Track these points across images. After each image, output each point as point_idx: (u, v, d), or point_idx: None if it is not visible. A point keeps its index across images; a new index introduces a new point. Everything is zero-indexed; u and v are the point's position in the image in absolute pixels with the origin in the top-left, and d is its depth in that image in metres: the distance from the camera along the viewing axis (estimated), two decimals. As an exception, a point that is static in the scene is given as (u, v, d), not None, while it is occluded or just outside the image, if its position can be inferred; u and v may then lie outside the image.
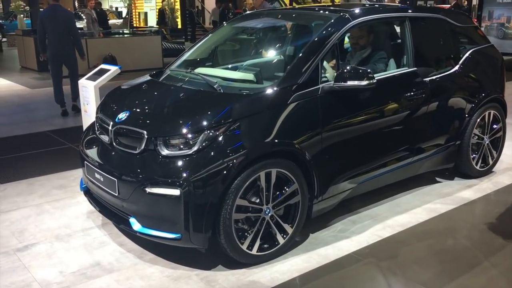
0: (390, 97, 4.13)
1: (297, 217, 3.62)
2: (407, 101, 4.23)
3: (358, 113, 3.88)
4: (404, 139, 4.34)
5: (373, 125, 3.99)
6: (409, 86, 4.26)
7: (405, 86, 4.24)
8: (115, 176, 3.44)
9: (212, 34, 5.01)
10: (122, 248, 3.77)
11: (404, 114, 4.22)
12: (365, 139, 3.97)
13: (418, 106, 4.32)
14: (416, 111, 4.32)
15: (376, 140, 4.08)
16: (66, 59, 8.18)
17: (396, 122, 4.17)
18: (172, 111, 3.58)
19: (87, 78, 5.25)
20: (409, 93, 4.23)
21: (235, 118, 3.36)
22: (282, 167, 3.45)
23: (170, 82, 4.08)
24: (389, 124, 4.13)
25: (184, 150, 3.28)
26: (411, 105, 4.26)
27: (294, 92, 3.56)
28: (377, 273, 3.38)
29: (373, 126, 3.99)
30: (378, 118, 4.02)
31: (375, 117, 4.00)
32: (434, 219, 4.18)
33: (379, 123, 4.03)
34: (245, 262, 3.45)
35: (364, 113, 3.92)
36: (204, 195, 3.18)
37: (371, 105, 3.97)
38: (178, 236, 3.26)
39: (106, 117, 3.80)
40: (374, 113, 3.99)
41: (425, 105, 4.38)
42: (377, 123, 4.02)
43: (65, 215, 4.38)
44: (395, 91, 4.18)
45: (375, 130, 4.02)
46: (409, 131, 4.34)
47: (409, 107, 4.25)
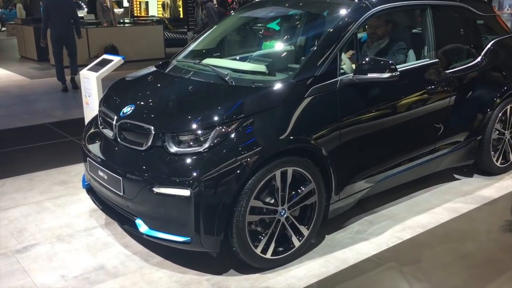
0: (411, 90, 3.89)
1: (313, 218, 3.40)
2: (428, 94, 3.99)
3: (378, 107, 3.65)
4: (425, 135, 4.11)
5: (393, 120, 3.76)
6: (430, 78, 4.02)
7: (427, 79, 4.01)
8: (120, 174, 3.22)
9: (220, 23, 4.77)
10: (127, 250, 3.55)
11: (425, 108, 3.99)
12: (384, 134, 3.74)
13: (439, 99, 4.09)
14: (438, 105, 4.09)
15: (395, 136, 3.86)
16: (67, 42, 9.21)
17: (417, 117, 3.94)
18: (181, 105, 3.34)
19: (89, 69, 5.01)
20: (430, 86, 4.00)
21: (249, 113, 3.13)
22: (299, 166, 3.23)
23: (177, 73, 3.84)
24: (410, 119, 3.89)
25: (194, 147, 3.05)
26: (432, 98, 4.03)
27: (311, 86, 3.33)
28: (401, 279, 3.16)
29: (393, 121, 3.76)
30: (398, 112, 3.79)
31: (395, 112, 3.77)
32: (455, 219, 3.96)
33: (399, 118, 3.80)
34: (258, 266, 3.23)
35: (384, 107, 3.69)
36: (216, 196, 2.96)
37: (391, 98, 3.74)
38: (188, 240, 3.04)
39: (110, 111, 3.56)
40: (394, 107, 3.76)
41: (447, 99, 4.15)
42: (397, 118, 3.79)
43: (67, 213, 4.16)
44: (416, 84, 3.94)
45: (395, 125, 3.79)
46: (430, 126, 4.11)
47: (430, 100, 4.02)
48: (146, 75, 4.03)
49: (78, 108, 7.77)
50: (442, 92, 4.09)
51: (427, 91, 3.98)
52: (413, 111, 3.89)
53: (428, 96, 3.99)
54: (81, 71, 5.08)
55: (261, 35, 6.17)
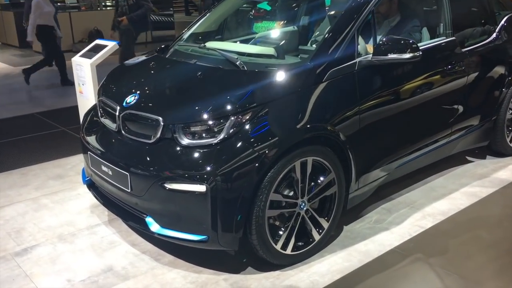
0: (429, 70, 3.69)
1: (333, 210, 3.21)
2: (446, 74, 3.80)
3: (397, 89, 3.45)
4: (443, 117, 3.93)
5: (412, 102, 3.56)
6: (448, 57, 3.83)
7: (444, 58, 3.81)
8: (127, 169, 2.98)
9: (221, 4, 4.50)
10: (135, 248, 3.33)
11: (443, 89, 3.80)
12: (403, 117, 3.55)
13: (457, 79, 3.90)
14: (455, 85, 3.90)
15: (415, 119, 3.67)
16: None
17: (435, 98, 3.75)
18: (191, 94, 3.09)
19: (82, 55, 4.72)
20: (448, 66, 3.81)
21: (265, 100, 2.90)
22: (319, 155, 3.02)
23: (181, 58, 3.59)
24: (428, 101, 3.70)
25: (208, 139, 2.82)
26: (450, 78, 3.84)
27: (329, 69, 3.10)
28: (429, 272, 2.99)
29: (412, 103, 3.56)
30: (417, 94, 3.59)
31: (414, 93, 3.57)
32: (476, 205, 3.80)
33: (418, 100, 3.60)
34: (278, 263, 3.04)
35: (403, 89, 3.49)
36: (234, 191, 2.74)
37: (410, 80, 3.54)
38: (204, 238, 2.83)
39: (111, 100, 3.31)
40: (413, 89, 3.56)
41: (464, 78, 3.96)
42: (416, 100, 3.59)
43: (66, 210, 3.92)
44: (435, 64, 3.74)
45: (414, 108, 3.59)
46: (447, 108, 3.93)
47: (448, 81, 3.83)
48: (148, 60, 3.76)
49: (67, 96, 7.50)
50: (459, 71, 3.89)
51: (445, 71, 3.79)
52: (431, 92, 3.70)
53: (446, 76, 3.80)
54: (73, 57, 4.79)
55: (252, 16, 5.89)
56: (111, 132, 3.25)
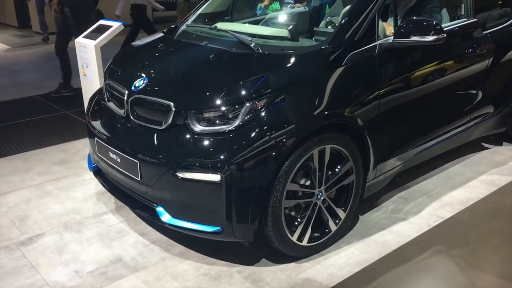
0: (450, 54, 3.53)
1: (350, 200, 3.09)
2: (468, 58, 3.65)
3: (417, 73, 3.29)
4: (462, 102, 3.79)
5: (433, 87, 3.42)
6: (470, 40, 3.67)
7: (466, 41, 3.65)
8: (137, 157, 2.84)
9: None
10: (144, 238, 3.21)
11: (464, 73, 3.65)
12: (423, 103, 3.41)
13: (477, 63, 3.75)
14: (475, 69, 3.75)
15: (434, 104, 3.53)
16: None
17: (455, 83, 3.61)
18: (204, 77, 2.94)
19: (85, 36, 4.55)
20: (470, 49, 3.65)
21: (282, 85, 2.75)
22: (337, 143, 2.89)
23: (191, 40, 3.43)
24: (449, 85, 3.56)
25: (222, 126, 2.68)
26: (471, 62, 3.69)
27: (348, 52, 2.95)
28: (451, 265, 2.88)
29: (433, 87, 3.42)
30: (438, 78, 3.45)
31: (435, 77, 3.42)
32: (495, 194, 3.68)
33: (438, 84, 3.46)
34: (294, 255, 2.93)
35: (424, 73, 3.34)
36: (250, 180, 2.61)
37: (431, 63, 3.38)
38: (218, 229, 2.70)
39: (119, 84, 3.16)
40: (434, 73, 3.41)
41: (485, 62, 3.81)
42: (437, 84, 3.45)
43: (72, 197, 3.79)
44: (456, 47, 3.59)
45: (434, 92, 3.45)
46: (467, 93, 3.79)
47: (469, 65, 3.68)
48: (156, 42, 3.60)
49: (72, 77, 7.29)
50: (480, 55, 3.74)
51: (467, 54, 3.63)
52: (452, 76, 3.55)
53: (467, 59, 3.65)
54: (75, 39, 4.62)
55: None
56: (119, 117, 3.11)
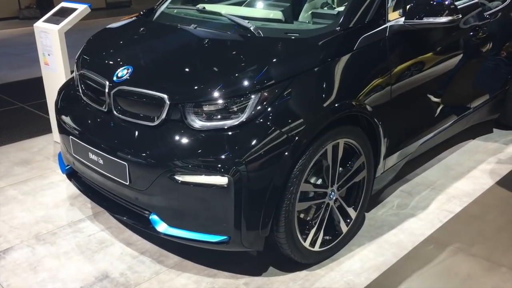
0: (458, 36, 3.31)
1: (361, 197, 2.82)
2: (473, 40, 3.45)
3: (428, 56, 3.08)
4: (467, 87, 3.60)
5: (441, 71, 3.22)
6: (474, 22, 3.45)
7: (471, 22, 3.43)
8: (125, 158, 2.46)
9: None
10: (131, 249, 2.84)
11: (469, 56, 3.46)
12: (433, 89, 3.20)
13: (480, 46, 3.56)
14: (479, 52, 3.57)
15: (443, 90, 3.32)
16: None
17: (463, 66, 3.41)
18: (201, 65, 2.57)
19: (46, 20, 4.05)
20: (475, 31, 3.45)
21: (292, 73, 2.43)
22: (351, 136, 2.60)
23: (177, 23, 3.04)
24: (457, 69, 3.36)
25: (226, 120, 2.33)
26: (475, 45, 3.50)
27: (360, 35, 2.66)
28: (475, 265, 2.66)
29: (440, 72, 3.21)
30: (447, 62, 3.26)
31: (445, 61, 3.23)
32: (501, 184, 3.50)
33: (446, 68, 3.26)
34: (306, 262, 2.63)
35: (433, 57, 3.12)
36: (262, 181, 2.28)
37: (441, 46, 3.19)
38: (224, 239, 2.37)
39: (96, 74, 2.75)
40: (443, 57, 3.21)
41: (487, 45, 3.63)
42: (445, 68, 3.24)
43: (40, 203, 3.35)
44: (464, 29, 3.36)
45: (442, 77, 3.25)
46: (471, 77, 3.60)
47: (474, 47, 3.49)
48: (135, 25, 3.20)
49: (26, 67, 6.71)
50: (483, 38, 3.55)
51: (472, 35, 3.43)
52: (460, 59, 3.36)
53: (473, 41, 3.45)
54: (35, 23, 4.11)
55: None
56: (99, 112, 2.70)
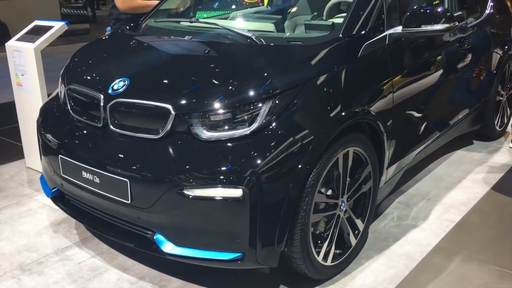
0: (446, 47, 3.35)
1: (367, 208, 2.75)
2: (461, 50, 3.51)
3: (426, 63, 3.14)
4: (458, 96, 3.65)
5: (438, 79, 3.26)
6: (460, 33, 3.51)
7: (458, 33, 3.48)
8: (126, 175, 2.29)
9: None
10: (128, 274, 2.64)
11: (459, 66, 3.53)
12: (430, 97, 3.22)
13: (465, 57, 3.62)
14: (464, 64, 3.62)
15: (440, 98, 3.36)
16: None
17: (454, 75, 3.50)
18: (205, 74, 2.45)
19: (19, 39, 3.84)
20: (458, 43, 3.50)
21: (300, 81, 2.35)
22: (359, 145, 2.54)
23: (169, 35, 2.93)
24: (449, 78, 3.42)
25: (236, 130, 2.22)
26: (461, 56, 3.55)
27: (363, 42, 2.63)
28: (488, 273, 2.61)
29: (438, 80, 3.26)
30: (442, 70, 3.30)
31: (440, 69, 3.28)
32: (493, 192, 3.52)
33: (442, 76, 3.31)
34: (319, 278, 2.51)
35: (432, 65, 3.16)
36: (279, 193, 2.17)
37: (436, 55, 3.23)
38: (238, 256, 2.22)
39: (88, 88, 2.59)
40: (438, 65, 3.25)
41: (470, 56, 3.68)
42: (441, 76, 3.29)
43: (20, 231, 3.09)
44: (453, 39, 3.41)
45: (439, 85, 3.29)
46: (458, 88, 3.64)
47: (461, 58, 3.55)
48: (124, 38, 3.05)
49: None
50: (467, 49, 3.61)
51: (460, 46, 3.50)
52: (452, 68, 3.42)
53: (460, 52, 3.52)
54: (7, 43, 3.88)
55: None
56: (92, 128, 2.53)
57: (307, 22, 3.02)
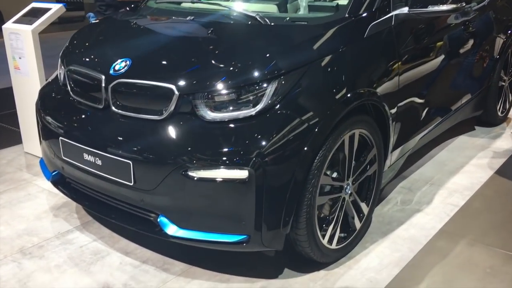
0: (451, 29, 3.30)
1: (372, 192, 2.72)
2: (464, 34, 3.47)
3: (432, 47, 3.08)
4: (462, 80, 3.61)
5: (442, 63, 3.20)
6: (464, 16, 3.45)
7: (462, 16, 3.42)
8: (129, 156, 2.25)
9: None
10: (130, 258, 2.60)
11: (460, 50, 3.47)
12: (436, 80, 3.17)
13: (469, 41, 3.57)
14: (468, 48, 3.58)
15: (443, 83, 3.30)
16: None
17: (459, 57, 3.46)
18: (209, 54, 2.40)
19: (16, 21, 3.77)
20: (466, 26, 3.46)
21: (308, 60, 2.31)
22: (365, 127, 2.50)
23: (171, 16, 2.88)
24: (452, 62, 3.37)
25: (241, 111, 2.18)
26: (465, 40, 3.51)
27: (370, 22, 2.58)
28: (494, 256, 2.59)
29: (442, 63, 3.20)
30: (446, 54, 3.23)
31: (444, 53, 3.20)
32: (496, 177, 3.49)
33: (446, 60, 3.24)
34: (324, 261, 2.49)
35: (438, 47, 3.12)
36: (285, 174, 2.14)
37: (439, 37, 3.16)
38: (243, 238, 2.19)
39: (88, 69, 2.54)
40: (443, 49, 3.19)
41: (474, 41, 3.64)
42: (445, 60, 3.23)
43: (20, 216, 3.05)
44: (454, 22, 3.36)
45: (445, 68, 3.24)
46: (462, 72, 3.59)
47: (464, 42, 3.50)
48: (124, 20, 2.99)
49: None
50: (472, 32, 3.56)
51: (465, 29, 3.45)
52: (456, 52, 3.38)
53: (465, 35, 3.47)
54: (3, 25, 3.82)
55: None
56: (94, 109, 2.48)
57: (311, 3, 2.97)
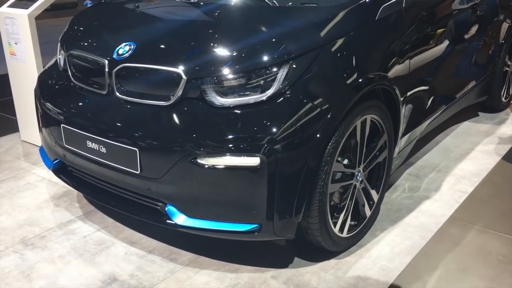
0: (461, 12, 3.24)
1: (382, 179, 2.67)
2: (472, 18, 3.40)
3: (442, 31, 3.00)
4: (467, 66, 3.54)
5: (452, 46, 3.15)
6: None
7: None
8: (136, 144, 2.17)
9: None
10: (136, 248, 2.54)
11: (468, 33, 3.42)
12: (443, 64, 3.10)
13: (477, 25, 3.51)
14: (475, 32, 3.52)
15: (452, 67, 3.25)
16: None
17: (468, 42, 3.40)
18: (218, 37, 2.32)
19: (11, 5, 3.65)
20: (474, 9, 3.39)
21: (321, 43, 2.24)
22: (377, 112, 2.44)
23: (174, -1, 2.80)
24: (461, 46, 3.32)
25: (252, 96, 2.11)
26: (473, 23, 3.45)
27: (381, 4, 2.51)
28: (507, 243, 2.55)
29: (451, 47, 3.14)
30: (456, 37, 3.19)
31: (454, 37, 3.16)
32: (503, 163, 3.45)
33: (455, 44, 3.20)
34: (335, 250, 2.44)
35: (445, 32, 3.04)
36: (298, 161, 2.07)
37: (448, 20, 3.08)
38: (255, 227, 2.13)
39: (90, 53, 2.45)
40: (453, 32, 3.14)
41: (481, 25, 3.57)
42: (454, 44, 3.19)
43: (20, 205, 2.98)
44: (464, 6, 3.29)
45: (452, 53, 3.18)
46: (469, 57, 3.54)
47: (472, 26, 3.44)
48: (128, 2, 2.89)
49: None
50: (480, 15, 3.50)
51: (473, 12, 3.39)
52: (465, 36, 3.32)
53: (473, 19, 3.41)
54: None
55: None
56: (97, 95, 2.40)
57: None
